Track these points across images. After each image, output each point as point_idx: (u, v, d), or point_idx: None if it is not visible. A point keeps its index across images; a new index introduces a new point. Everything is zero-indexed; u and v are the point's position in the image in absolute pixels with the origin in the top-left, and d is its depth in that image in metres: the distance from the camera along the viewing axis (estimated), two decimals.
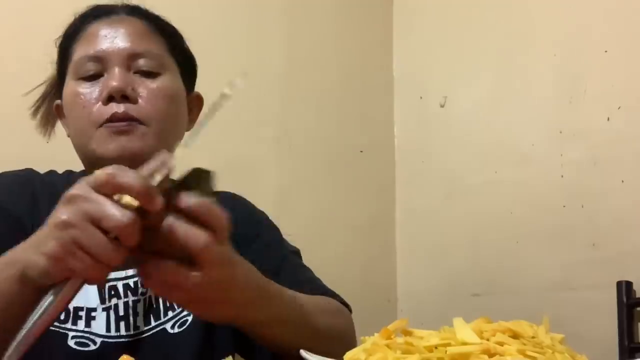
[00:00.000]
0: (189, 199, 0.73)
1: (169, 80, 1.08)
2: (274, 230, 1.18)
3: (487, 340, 0.64)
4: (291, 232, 1.23)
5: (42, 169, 1.15)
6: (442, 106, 2.02)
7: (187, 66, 1.15)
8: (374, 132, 2.13)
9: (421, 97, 2.09)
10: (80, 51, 1.07)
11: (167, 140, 1.08)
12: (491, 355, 0.61)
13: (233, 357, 1.10)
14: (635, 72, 1.56)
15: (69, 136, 1.11)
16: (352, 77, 2.11)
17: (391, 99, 2.17)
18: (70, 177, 1.13)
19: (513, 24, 1.86)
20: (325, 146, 2.02)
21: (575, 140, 1.66)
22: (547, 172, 1.71)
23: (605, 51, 1.62)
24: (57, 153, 1.20)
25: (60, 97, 1.11)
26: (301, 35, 2.03)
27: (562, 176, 1.68)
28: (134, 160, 1.01)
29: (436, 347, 0.64)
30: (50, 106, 1.16)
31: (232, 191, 1.23)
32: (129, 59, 1.05)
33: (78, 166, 1.15)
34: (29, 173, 1.11)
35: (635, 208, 1.52)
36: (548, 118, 1.72)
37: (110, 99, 1.02)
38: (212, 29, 1.85)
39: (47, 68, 1.19)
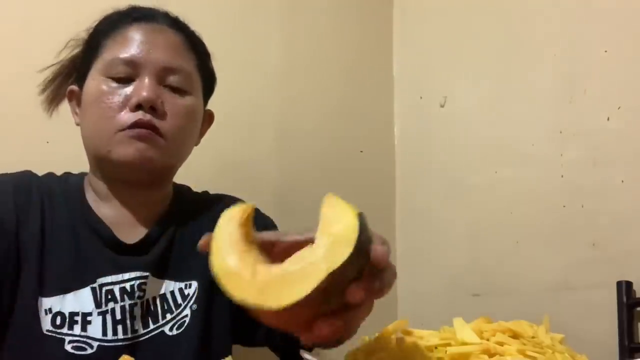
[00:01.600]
0: (381, 264, 0.66)
1: (194, 100, 1.10)
2: (266, 219, 1.19)
3: (487, 340, 0.64)
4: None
5: (42, 169, 1.15)
6: (442, 106, 2.02)
7: (208, 84, 1.17)
8: (374, 132, 2.13)
9: (421, 97, 2.09)
10: (113, 50, 1.07)
11: (177, 156, 1.10)
12: (491, 355, 0.61)
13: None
14: (635, 72, 1.56)
15: (77, 124, 1.11)
16: (352, 77, 2.11)
17: (391, 99, 2.17)
18: (68, 179, 1.13)
19: (513, 24, 1.86)
20: (325, 146, 2.02)
21: (575, 140, 1.66)
22: (547, 172, 1.71)
23: (605, 51, 1.62)
24: (57, 153, 1.21)
25: (75, 82, 1.12)
26: (301, 35, 2.03)
27: (562, 176, 1.68)
28: (144, 168, 1.02)
29: (436, 347, 0.64)
30: (61, 86, 1.16)
31: (232, 191, 1.24)
32: (162, 72, 1.06)
33: (78, 166, 1.15)
34: (27, 176, 1.11)
35: (635, 208, 1.52)
36: (548, 118, 1.72)
37: (138, 107, 1.02)
38: (212, 29, 1.84)
39: (50, 71, 1.19)
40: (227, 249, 0.61)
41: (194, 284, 1.07)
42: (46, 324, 0.98)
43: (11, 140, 1.54)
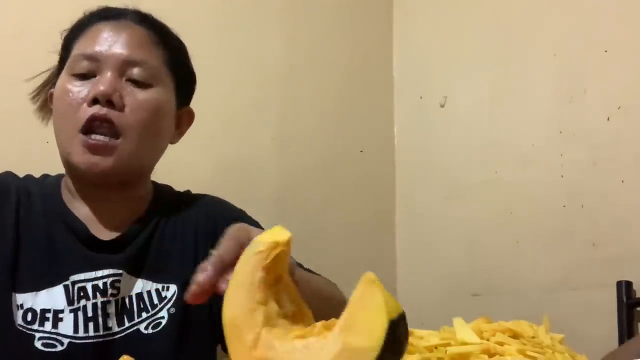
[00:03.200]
0: None
1: (159, 93, 1.07)
2: (251, 222, 1.18)
3: (487, 340, 0.64)
4: (291, 232, 1.23)
5: (41, 169, 1.15)
6: (442, 106, 2.02)
7: (183, 81, 1.14)
8: (374, 132, 2.13)
9: (421, 97, 2.09)
10: (79, 48, 1.07)
11: (143, 152, 1.07)
12: (491, 355, 0.61)
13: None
14: (635, 72, 1.56)
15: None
16: (352, 77, 2.11)
17: (391, 99, 2.17)
18: (46, 180, 1.12)
19: (513, 24, 1.86)
20: (325, 146, 2.02)
21: (575, 140, 1.66)
22: (547, 172, 1.71)
23: (605, 51, 1.62)
24: (57, 153, 1.20)
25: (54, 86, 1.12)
26: (301, 35, 2.03)
27: (562, 176, 1.68)
28: (103, 176, 1.02)
29: (436, 347, 0.64)
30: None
31: (232, 191, 1.24)
32: (124, 66, 1.05)
33: None
34: (6, 176, 1.10)
35: (635, 208, 1.52)
36: (548, 118, 1.72)
37: (95, 101, 1.02)
38: (212, 29, 1.85)
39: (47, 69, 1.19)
40: (242, 297, 0.58)
41: (173, 287, 1.05)
42: (17, 318, 0.98)
43: (11, 140, 1.54)
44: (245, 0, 1.96)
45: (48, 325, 0.99)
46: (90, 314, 1.00)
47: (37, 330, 0.98)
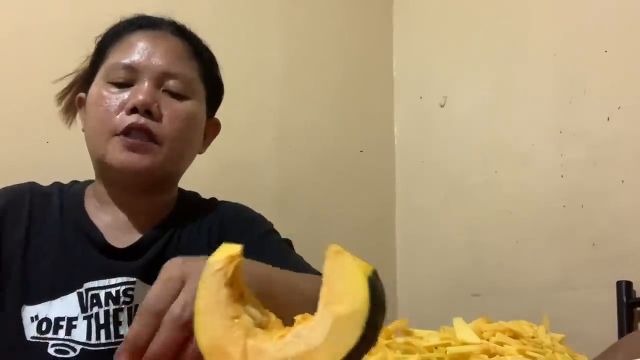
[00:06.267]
0: None
1: (194, 105, 1.10)
2: (261, 223, 1.17)
3: (487, 340, 0.64)
4: (291, 232, 1.23)
5: (41, 169, 1.15)
6: (442, 106, 2.02)
7: (214, 92, 1.17)
8: (374, 132, 2.13)
9: (421, 97, 2.09)
10: (116, 56, 1.08)
11: (177, 161, 1.09)
12: (491, 355, 0.61)
13: None
14: (635, 72, 1.56)
15: (83, 130, 1.11)
16: (352, 77, 2.11)
17: (391, 99, 2.17)
18: (70, 188, 1.13)
19: (513, 24, 1.86)
20: (325, 146, 2.02)
21: (575, 140, 1.66)
22: (547, 172, 1.71)
23: (605, 51, 1.62)
24: (57, 153, 1.21)
25: (85, 90, 1.12)
26: (301, 35, 2.03)
27: (562, 176, 1.68)
28: (138, 175, 1.03)
29: (436, 347, 0.64)
30: (75, 96, 1.17)
31: (232, 191, 1.24)
32: (162, 77, 1.06)
33: (77, 166, 1.15)
34: (23, 189, 1.10)
35: (635, 208, 1.52)
36: (548, 118, 1.72)
37: (134, 110, 1.03)
38: (212, 29, 1.84)
39: (49, 71, 1.19)
40: (214, 318, 0.57)
41: None
42: (31, 331, 0.99)
43: (11, 140, 1.54)
44: (245, 1, 1.96)
45: (62, 333, 1.00)
46: (102, 321, 1.01)
47: (51, 338, 0.99)
